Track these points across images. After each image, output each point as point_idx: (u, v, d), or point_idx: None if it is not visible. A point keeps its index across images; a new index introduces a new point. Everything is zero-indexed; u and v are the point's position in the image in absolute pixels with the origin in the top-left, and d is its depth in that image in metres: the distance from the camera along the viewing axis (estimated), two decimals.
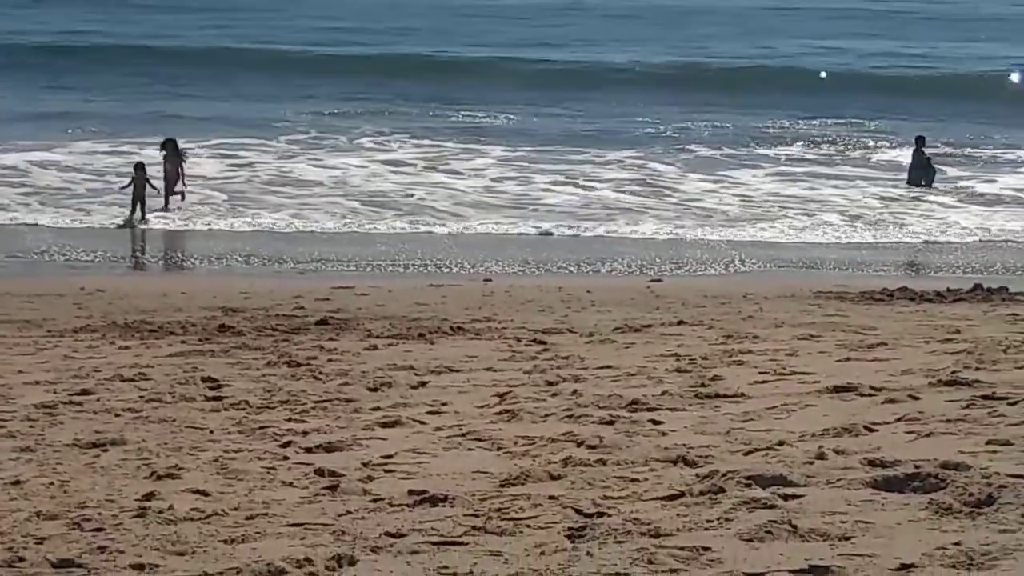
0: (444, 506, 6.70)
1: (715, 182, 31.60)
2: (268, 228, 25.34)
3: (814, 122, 42.86)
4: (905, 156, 34.76)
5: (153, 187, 26.43)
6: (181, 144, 28.21)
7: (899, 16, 77.98)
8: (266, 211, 26.74)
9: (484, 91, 46.40)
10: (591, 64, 53.88)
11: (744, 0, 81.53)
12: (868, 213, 28.37)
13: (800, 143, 38.97)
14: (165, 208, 26.63)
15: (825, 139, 39.92)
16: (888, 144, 38.75)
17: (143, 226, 25.43)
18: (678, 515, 6.41)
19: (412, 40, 59.53)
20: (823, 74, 51.38)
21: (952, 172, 33.44)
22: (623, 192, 29.86)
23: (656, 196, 29.57)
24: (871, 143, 38.99)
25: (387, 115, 41.30)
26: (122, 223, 25.45)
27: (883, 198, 30.26)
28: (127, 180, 26.44)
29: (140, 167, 26.50)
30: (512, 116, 42.47)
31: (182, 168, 27.34)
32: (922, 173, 31.91)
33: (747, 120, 42.78)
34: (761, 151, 37.16)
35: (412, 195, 28.59)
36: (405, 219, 26.35)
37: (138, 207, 25.90)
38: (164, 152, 27.48)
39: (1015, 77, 51.64)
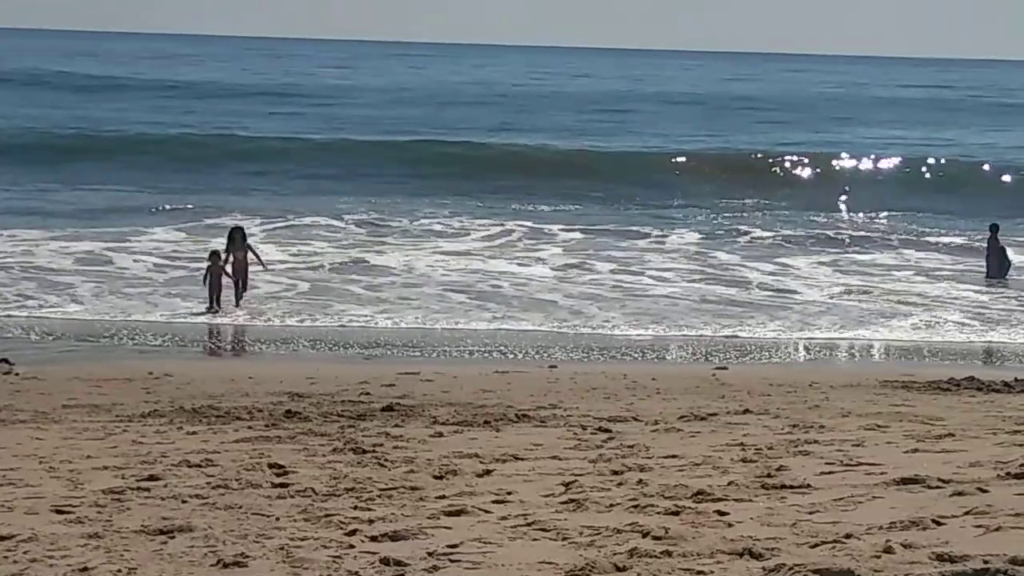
0: None
1: (781, 273, 31.46)
2: (360, 326, 24.00)
3: (871, 213, 43.05)
4: (970, 244, 34.65)
5: (228, 275, 25.70)
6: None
7: (965, 104, 78.10)
8: (351, 306, 25.71)
9: (533, 178, 46.83)
10: (638, 152, 54.38)
11: (815, 87, 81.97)
12: (959, 306, 27.49)
13: (859, 233, 38.96)
14: (237, 304, 25.52)
15: (882, 229, 39.98)
16: (946, 232, 38.70)
17: (217, 317, 24.79)
18: None
19: (463, 129, 60.28)
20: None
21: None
22: (705, 283, 29.35)
23: (742, 287, 29.09)
24: (933, 234, 38.83)
25: (445, 203, 41.68)
26: (200, 312, 24.94)
27: (972, 291, 29.42)
28: (204, 270, 25.71)
29: (215, 255, 25.84)
30: (564, 203, 42.94)
31: (256, 255, 26.45)
32: (997, 263, 31.38)
33: (798, 209, 43.05)
34: (820, 238, 37.20)
35: (501, 286, 28.16)
36: (514, 313, 25.30)
37: (215, 297, 25.27)
38: (231, 243, 26.27)
39: None
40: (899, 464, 10.47)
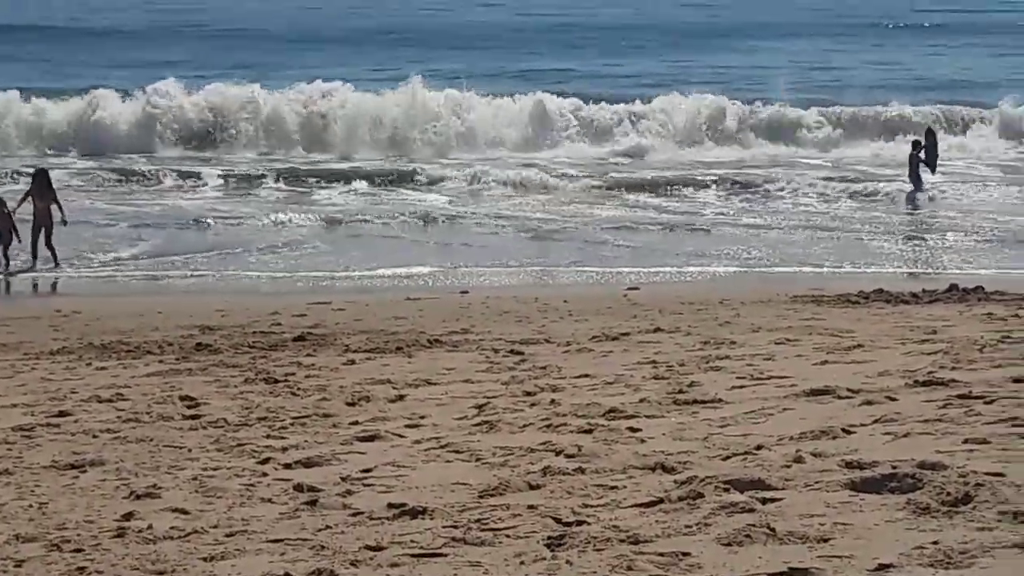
0: (423, 518, 6.71)
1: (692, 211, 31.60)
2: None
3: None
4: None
5: (15, 230, 22.48)
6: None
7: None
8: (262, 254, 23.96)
9: None
10: None
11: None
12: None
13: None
14: (33, 258, 22.70)
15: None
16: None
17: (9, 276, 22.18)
18: (657, 521, 6.43)
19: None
20: None
21: None
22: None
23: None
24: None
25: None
26: None
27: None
28: None
29: None
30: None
31: (59, 205, 23.09)
32: (917, 176, 31.45)
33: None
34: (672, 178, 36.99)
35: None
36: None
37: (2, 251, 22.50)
38: (33, 186, 23.34)
39: None
40: (809, 376, 10.56)
